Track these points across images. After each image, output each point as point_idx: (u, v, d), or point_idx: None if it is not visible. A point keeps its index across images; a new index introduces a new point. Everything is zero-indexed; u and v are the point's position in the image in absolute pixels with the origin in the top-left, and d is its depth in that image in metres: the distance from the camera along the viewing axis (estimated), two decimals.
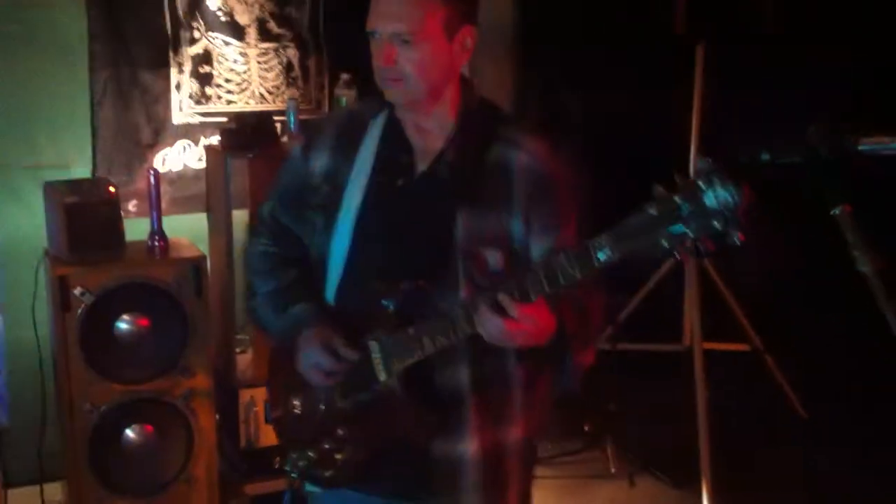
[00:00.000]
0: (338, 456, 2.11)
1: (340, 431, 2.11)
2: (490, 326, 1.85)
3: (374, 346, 2.02)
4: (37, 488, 3.63)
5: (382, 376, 2.02)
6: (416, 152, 2.07)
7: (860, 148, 1.76)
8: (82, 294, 3.32)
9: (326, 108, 4.24)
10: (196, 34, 4.09)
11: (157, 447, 3.47)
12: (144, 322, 3.40)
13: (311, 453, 2.15)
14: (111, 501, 3.43)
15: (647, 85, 4.36)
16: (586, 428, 4.31)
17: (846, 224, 1.75)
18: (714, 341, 4.25)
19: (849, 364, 4.62)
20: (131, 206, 3.94)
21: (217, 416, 3.55)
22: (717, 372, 4.19)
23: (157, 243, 3.49)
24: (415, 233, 2.05)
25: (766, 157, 1.82)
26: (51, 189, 3.46)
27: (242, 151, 3.52)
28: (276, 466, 2.41)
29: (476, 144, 2.04)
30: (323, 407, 2.13)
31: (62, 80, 3.92)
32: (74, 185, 3.45)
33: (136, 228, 3.65)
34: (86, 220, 3.36)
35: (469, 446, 2.06)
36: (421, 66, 1.96)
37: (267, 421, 2.34)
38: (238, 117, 3.78)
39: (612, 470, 4.16)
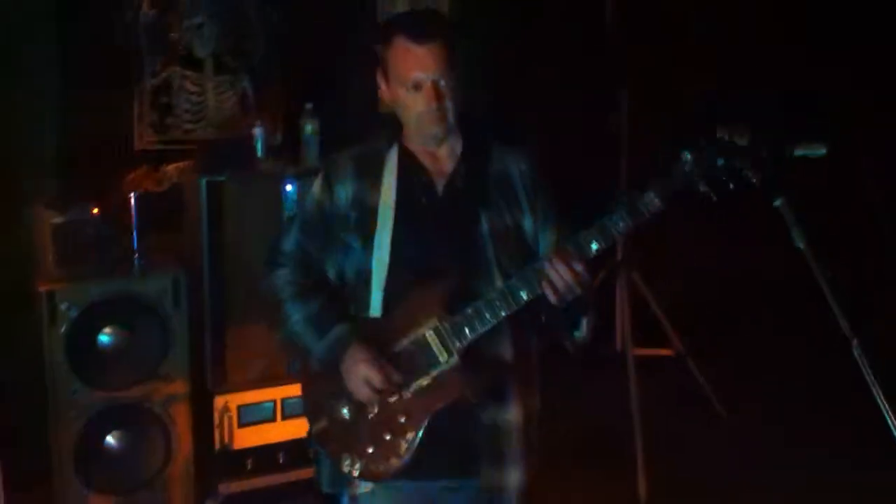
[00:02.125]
0: (402, 442, 2.36)
1: (402, 419, 2.36)
2: (559, 276, 2.24)
3: (430, 334, 2.34)
4: None
5: (444, 357, 2.33)
6: (433, 173, 2.45)
7: (796, 153, 2.19)
8: (68, 308, 3.54)
9: (280, 136, 4.53)
10: (157, 66, 4.34)
11: (137, 450, 3.70)
12: (126, 333, 3.64)
13: (370, 450, 2.38)
14: (93, 500, 3.63)
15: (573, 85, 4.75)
16: None
17: (786, 212, 2.16)
18: (643, 347, 4.64)
19: (765, 366, 5.03)
20: None
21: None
22: (647, 374, 4.57)
23: (138, 260, 3.73)
24: (446, 238, 2.40)
25: (721, 162, 2.23)
26: (39, 210, 3.68)
27: (216, 174, 3.78)
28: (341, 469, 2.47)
29: (481, 160, 2.46)
30: (376, 405, 2.38)
31: (27, 109, 4.13)
32: (61, 207, 3.67)
33: None
34: (71, 238, 3.60)
35: (511, 411, 2.41)
36: (456, 101, 2.38)
37: (309, 442, 2.52)
38: (212, 141, 4.05)
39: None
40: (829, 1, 4.70)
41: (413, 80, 2.34)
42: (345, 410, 2.42)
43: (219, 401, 3.84)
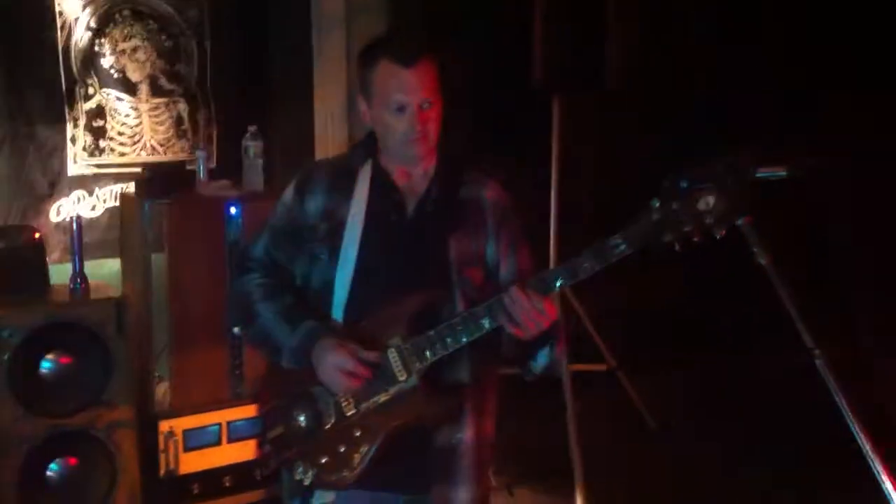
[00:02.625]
0: (356, 456, 2.39)
1: (357, 433, 2.39)
2: (521, 310, 2.25)
3: (391, 352, 2.37)
4: None
5: (403, 376, 2.36)
6: (405, 192, 2.48)
7: (756, 175, 2.30)
8: (10, 335, 3.48)
9: (215, 159, 4.53)
10: (90, 90, 4.32)
11: (81, 477, 3.64)
12: (69, 359, 3.58)
13: (324, 460, 2.40)
14: None
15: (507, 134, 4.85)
16: None
17: (748, 230, 2.27)
18: (578, 363, 4.74)
19: (694, 380, 5.19)
20: None
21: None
22: (582, 389, 4.66)
23: (79, 285, 3.68)
24: (413, 258, 2.43)
25: (685, 185, 2.32)
26: None
27: (159, 198, 3.76)
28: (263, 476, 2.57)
29: (453, 184, 2.49)
30: (333, 416, 2.41)
31: None
32: (0, 232, 3.61)
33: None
34: (11, 264, 3.54)
35: (465, 434, 2.45)
36: (438, 123, 2.42)
37: (261, 444, 2.51)
38: (154, 166, 4.03)
39: (493, 483, 4.55)
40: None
41: (397, 102, 2.37)
42: (302, 418, 2.43)
43: (164, 425, 3.80)
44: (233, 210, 3.88)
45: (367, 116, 2.47)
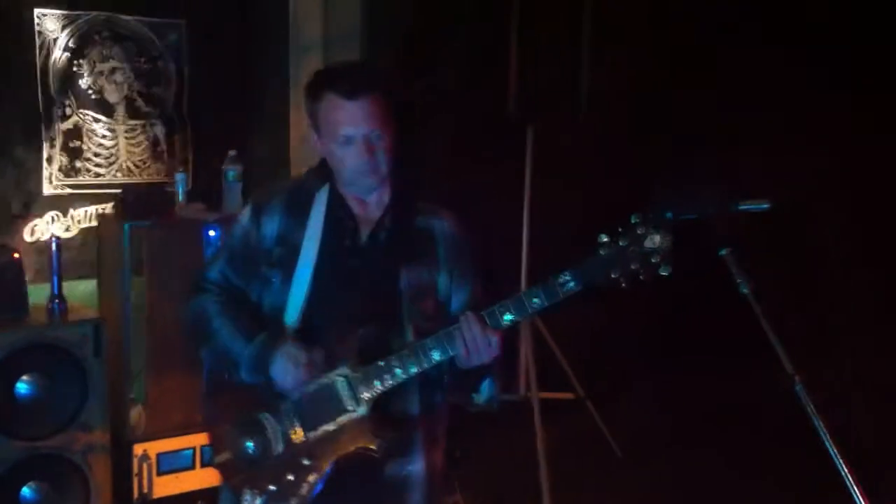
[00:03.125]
0: (304, 485, 2.37)
1: (305, 461, 2.38)
2: (471, 342, 2.27)
3: (340, 381, 2.36)
4: None
5: (351, 406, 2.35)
6: (359, 220, 2.48)
7: (740, 207, 2.37)
8: None
9: (191, 181, 4.54)
10: (67, 110, 4.31)
11: (55, 500, 3.62)
12: (45, 381, 3.58)
13: (272, 487, 2.39)
14: None
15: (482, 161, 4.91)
16: None
17: (730, 261, 2.34)
18: (547, 390, 4.79)
19: (660, 410, 5.26)
20: None
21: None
22: (551, 416, 4.72)
23: (58, 306, 3.67)
24: (365, 286, 2.42)
25: (669, 215, 2.39)
26: None
27: (139, 220, 3.77)
28: None
29: (407, 214, 2.49)
30: (281, 443, 2.40)
31: None
32: None
33: None
34: None
35: (416, 465, 2.46)
36: (389, 154, 2.41)
37: (211, 464, 2.50)
38: (133, 188, 4.03)
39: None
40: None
41: (343, 135, 2.36)
42: (250, 445, 2.42)
43: (137, 449, 3.79)
44: (211, 233, 3.89)
45: (318, 146, 2.47)
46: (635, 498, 4.72)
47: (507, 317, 2.29)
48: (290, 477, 2.38)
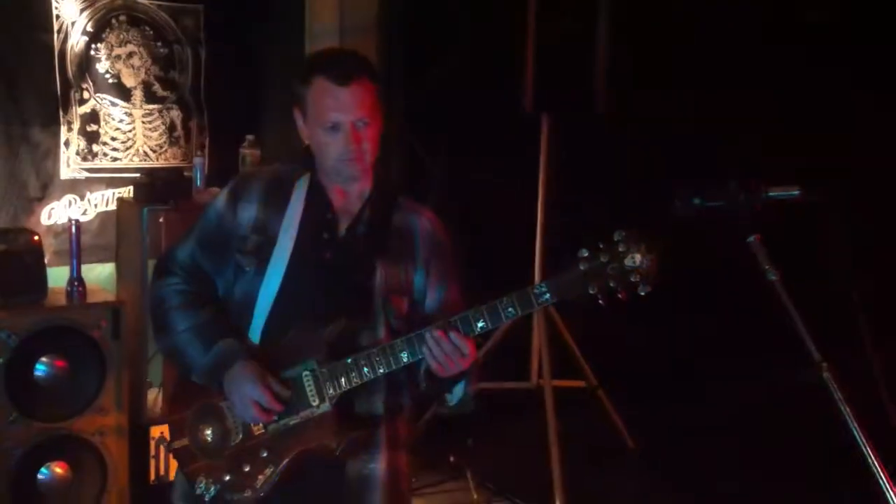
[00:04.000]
0: (260, 477, 2.34)
1: (264, 454, 2.35)
2: (440, 350, 2.23)
3: (306, 376, 2.33)
4: None
5: (315, 401, 2.32)
6: (338, 212, 2.44)
7: (770, 194, 2.37)
8: (8, 337, 3.47)
9: (206, 166, 4.54)
10: (85, 94, 4.32)
11: (72, 482, 3.64)
12: (65, 363, 3.59)
13: (227, 477, 2.35)
14: None
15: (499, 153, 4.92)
16: (451, 459, 4.71)
17: (757, 248, 2.35)
18: (558, 379, 4.80)
19: (672, 399, 5.28)
20: None
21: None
22: (562, 406, 4.73)
23: (76, 289, 3.68)
24: (339, 280, 2.39)
25: (697, 201, 2.39)
26: None
27: (157, 204, 3.78)
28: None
29: (386, 208, 2.46)
30: (240, 434, 2.36)
31: None
32: (0, 234, 3.61)
33: None
34: (11, 267, 3.54)
35: (378, 465, 2.43)
36: (374, 143, 2.37)
37: (167, 450, 2.45)
38: (152, 172, 4.04)
39: (475, 496, 4.60)
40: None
41: (331, 121, 2.32)
42: (209, 432, 2.38)
43: (154, 431, 3.80)
44: None
45: (304, 132, 2.42)
46: (646, 487, 4.74)
47: (480, 324, 2.24)
48: (247, 468, 2.35)
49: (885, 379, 2.26)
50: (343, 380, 2.30)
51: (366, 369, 2.29)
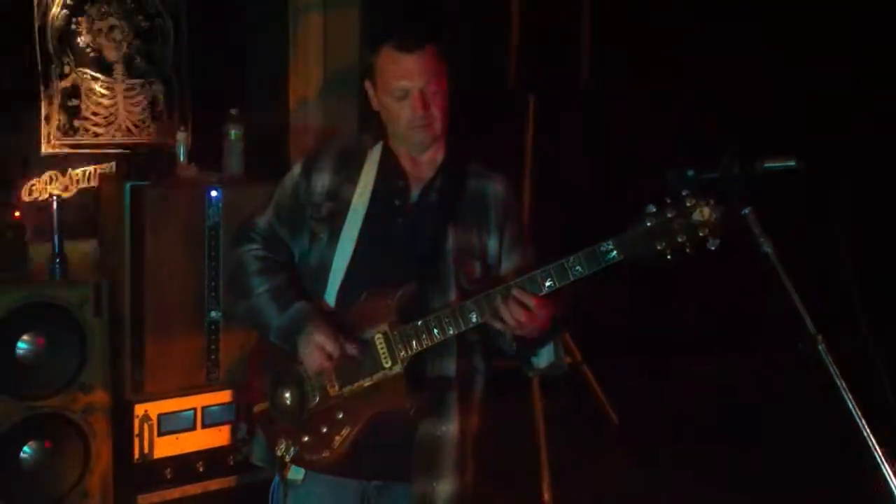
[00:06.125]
0: (336, 438, 2.41)
1: (340, 415, 2.41)
2: (508, 312, 2.26)
3: (378, 338, 2.38)
4: None
5: (388, 363, 2.37)
6: (410, 178, 2.49)
7: (765, 166, 2.34)
8: None
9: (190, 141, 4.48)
10: (66, 69, 4.24)
11: (55, 461, 3.60)
12: (46, 341, 3.54)
13: (305, 438, 2.43)
14: None
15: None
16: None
17: (752, 220, 2.31)
18: None
19: (657, 375, 5.30)
20: None
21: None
22: (547, 383, 4.71)
23: (58, 266, 3.63)
24: (411, 245, 2.44)
25: (691, 173, 2.36)
26: None
27: (140, 180, 3.72)
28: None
29: (459, 175, 2.50)
30: (317, 397, 2.43)
31: None
32: None
33: None
34: None
35: (449, 427, 2.47)
36: (444, 110, 2.42)
37: (246, 417, 2.56)
38: (135, 147, 3.98)
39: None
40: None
41: (399, 88, 2.38)
42: (287, 396, 2.45)
43: (138, 409, 3.76)
44: (213, 194, 3.85)
45: (375, 102, 2.49)
46: (630, 464, 4.75)
47: (549, 283, 2.27)
48: (324, 429, 2.42)
49: (883, 360, 2.23)
50: (414, 342, 2.36)
51: (436, 330, 2.34)
